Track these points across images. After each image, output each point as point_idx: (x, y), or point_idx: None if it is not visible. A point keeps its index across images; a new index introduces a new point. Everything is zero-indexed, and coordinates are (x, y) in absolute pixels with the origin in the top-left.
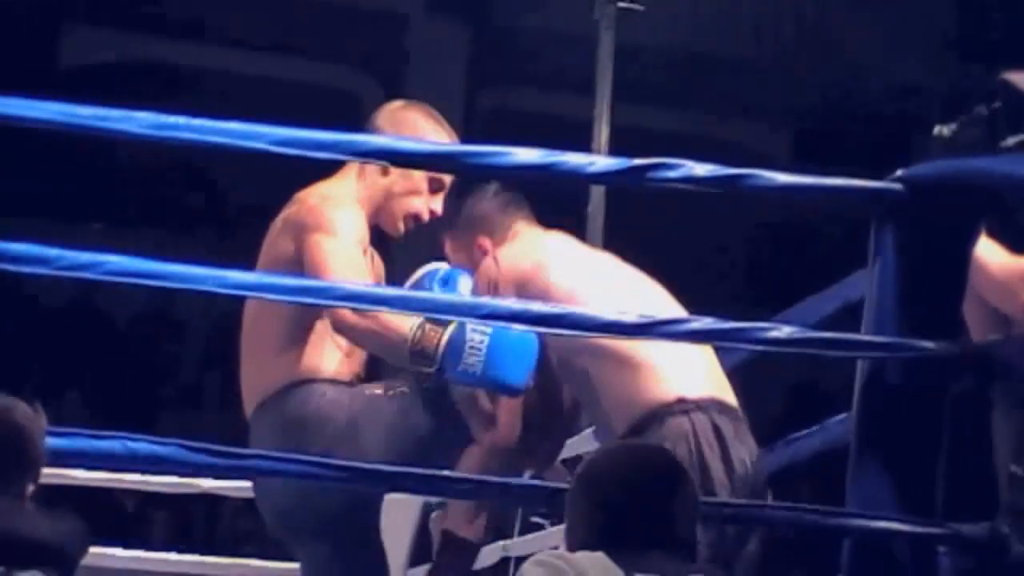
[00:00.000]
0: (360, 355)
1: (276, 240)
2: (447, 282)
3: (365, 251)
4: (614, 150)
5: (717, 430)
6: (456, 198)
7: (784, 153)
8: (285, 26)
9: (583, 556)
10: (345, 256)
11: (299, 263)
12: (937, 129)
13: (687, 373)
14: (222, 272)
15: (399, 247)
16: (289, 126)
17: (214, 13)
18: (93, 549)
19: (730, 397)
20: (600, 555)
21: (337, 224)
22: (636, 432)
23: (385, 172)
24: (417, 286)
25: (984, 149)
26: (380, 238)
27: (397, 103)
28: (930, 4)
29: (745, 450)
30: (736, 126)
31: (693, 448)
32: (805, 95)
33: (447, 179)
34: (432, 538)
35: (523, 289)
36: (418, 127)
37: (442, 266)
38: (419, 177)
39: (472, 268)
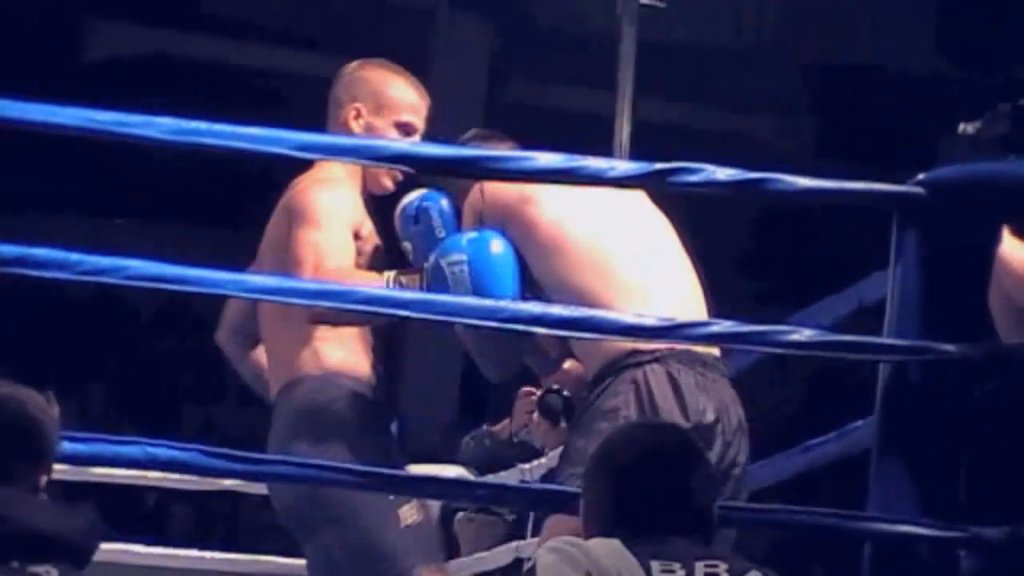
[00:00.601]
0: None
1: (272, 226)
2: (424, 210)
3: (358, 231)
4: (635, 145)
5: (673, 380)
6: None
7: (806, 148)
8: (307, 21)
9: (597, 543)
10: (327, 247)
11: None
12: (961, 127)
13: None
14: (242, 276)
15: None
16: (312, 123)
17: (237, 9)
18: (113, 546)
19: (703, 348)
20: (615, 542)
21: (323, 210)
22: (597, 382)
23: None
24: (404, 218)
25: (1008, 147)
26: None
27: (353, 64)
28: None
29: (710, 399)
30: (759, 121)
31: (645, 399)
32: (826, 89)
33: (419, 124)
34: (457, 539)
35: (507, 221)
36: (387, 82)
37: (419, 193)
38: (385, 128)
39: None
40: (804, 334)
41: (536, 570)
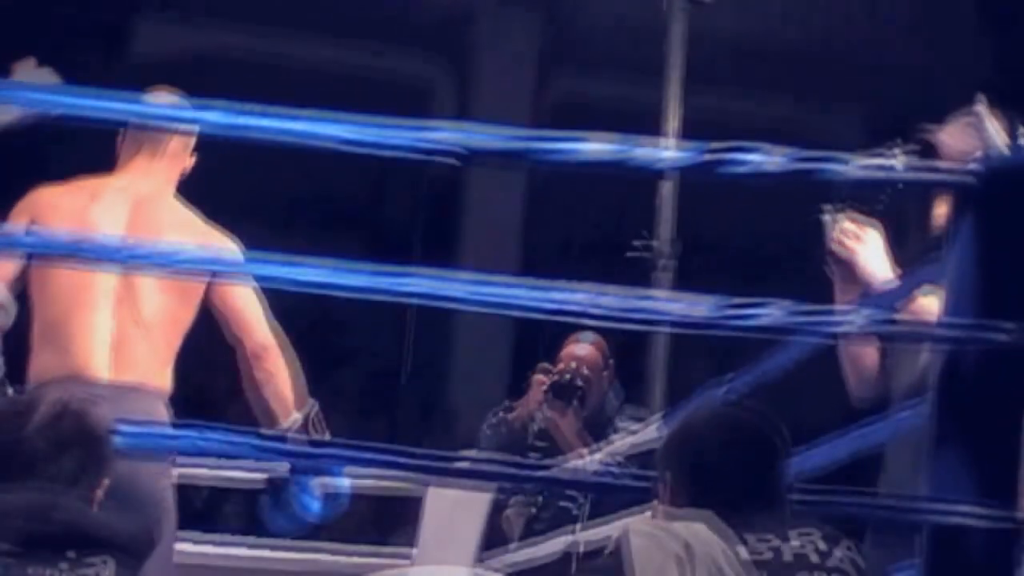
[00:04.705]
0: None
1: None
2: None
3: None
4: (685, 138)
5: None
6: None
7: (855, 138)
8: (355, 15)
9: (683, 526)
10: None
11: None
12: None
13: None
14: (293, 270)
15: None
16: (360, 118)
17: (278, 2)
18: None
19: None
20: (701, 525)
21: None
22: None
23: None
24: None
25: None
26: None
27: None
28: None
29: None
30: (807, 112)
31: None
32: (877, 80)
33: None
34: (504, 532)
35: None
36: None
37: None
38: None
39: None
40: (858, 321)
41: (623, 554)
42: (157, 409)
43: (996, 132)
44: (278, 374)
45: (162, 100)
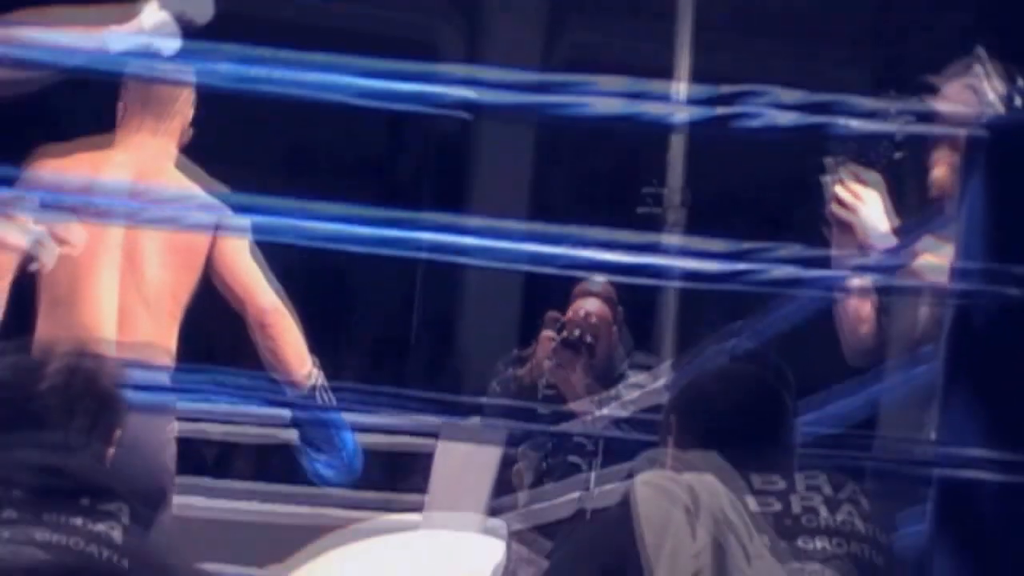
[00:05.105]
0: None
1: None
2: None
3: None
4: (694, 84)
5: None
6: None
7: (864, 82)
8: None
9: (692, 478)
10: None
11: None
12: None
13: None
14: (302, 223)
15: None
16: (367, 71)
17: None
18: (175, 499)
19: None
20: (710, 476)
21: None
22: None
23: None
24: None
25: None
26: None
27: None
28: None
29: None
30: (815, 55)
31: None
32: (886, 21)
33: None
34: (514, 485)
35: None
36: None
37: None
38: None
39: None
40: (866, 277)
41: (632, 503)
42: (161, 377)
43: (996, 84)
44: (284, 336)
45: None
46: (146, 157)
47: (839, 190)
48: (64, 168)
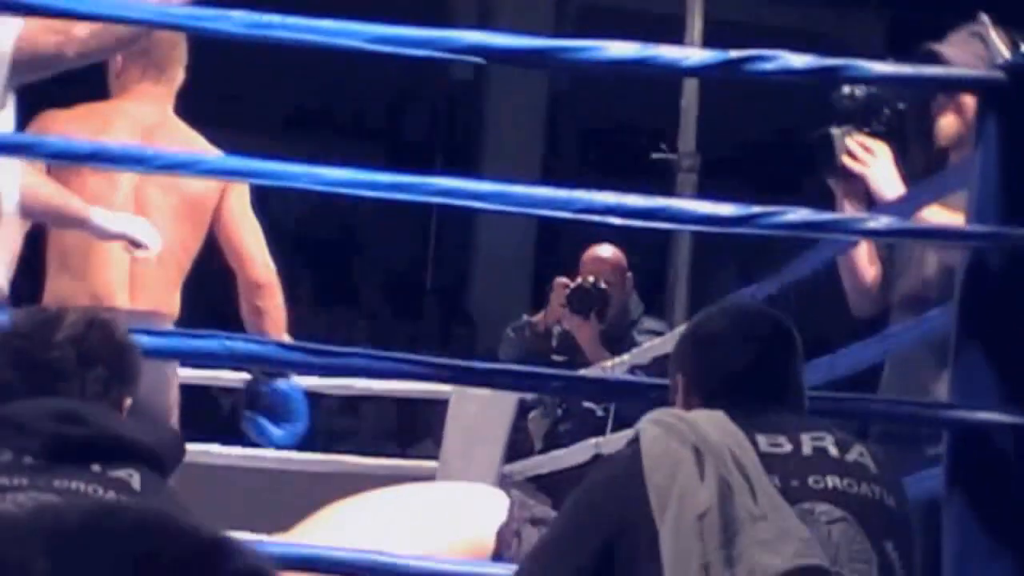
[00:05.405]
0: None
1: None
2: None
3: None
4: (706, 44)
5: None
6: None
7: (879, 45)
8: None
9: (700, 415)
10: None
11: None
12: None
13: None
14: (315, 170)
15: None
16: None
17: None
18: (189, 447)
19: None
20: (719, 414)
21: None
22: None
23: None
24: None
25: None
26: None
27: None
28: None
29: None
30: (830, 18)
31: None
32: None
33: None
34: (530, 435)
35: None
36: None
37: None
38: None
39: None
40: (882, 221)
41: (640, 443)
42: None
43: (999, 48)
44: (269, 313)
45: None
46: (151, 108)
47: (850, 144)
48: (73, 120)
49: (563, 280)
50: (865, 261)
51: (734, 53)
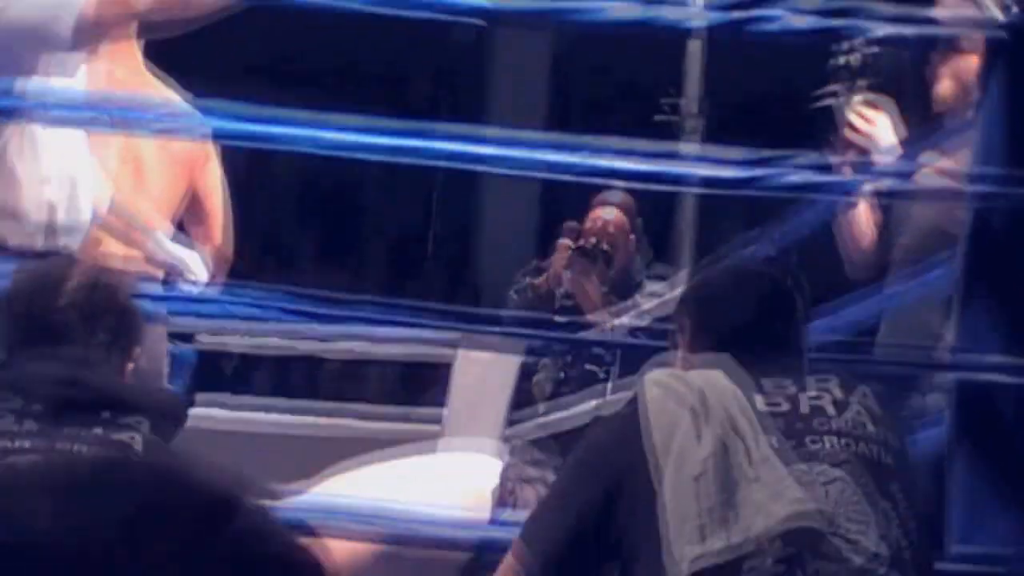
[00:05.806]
0: None
1: None
2: None
3: None
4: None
5: None
6: None
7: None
8: None
9: (698, 375)
10: None
11: None
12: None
13: None
14: (318, 132)
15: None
16: None
17: None
18: (193, 410)
19: None
20: (718, 373)
21: None
22: None
23: None
24: None
25: None
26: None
27: None
28: None
29: None
30: None
31: None
32: None
33: None
34: (535, 395)
35: None
36: None
37: None
38: None
39: None
40: (884, 182)
41: (639, 403)
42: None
43: (992, 10)
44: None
45: None
46: (119, 63)
47: (852, 116)
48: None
49: (565, 242)
50: (862, 226)
51: (736, 14)
